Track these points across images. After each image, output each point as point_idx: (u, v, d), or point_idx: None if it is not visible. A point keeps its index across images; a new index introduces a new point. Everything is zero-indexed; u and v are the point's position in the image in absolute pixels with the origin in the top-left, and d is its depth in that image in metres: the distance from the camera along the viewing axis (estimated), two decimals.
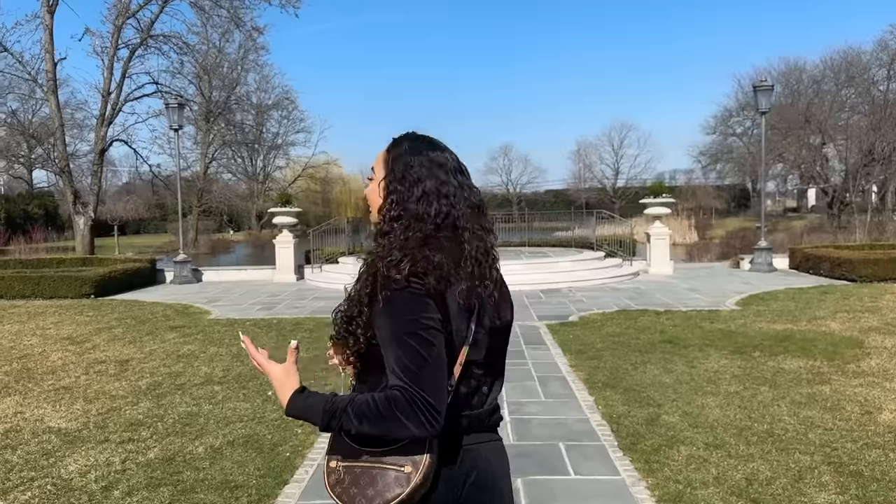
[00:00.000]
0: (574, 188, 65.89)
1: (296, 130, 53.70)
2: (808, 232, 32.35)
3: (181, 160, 44.88)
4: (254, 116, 50.13)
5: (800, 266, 15.53)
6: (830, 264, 13.99)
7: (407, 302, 1.43)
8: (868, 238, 22.54)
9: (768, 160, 53.63)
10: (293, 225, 16.44)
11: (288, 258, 16.15)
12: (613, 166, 66.14)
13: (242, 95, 46.72)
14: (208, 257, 37.80)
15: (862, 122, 39.48)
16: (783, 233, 33.67)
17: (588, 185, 65.17)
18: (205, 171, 44.41)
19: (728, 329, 8.79)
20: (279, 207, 16.31)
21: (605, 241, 16.59)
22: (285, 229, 16.36)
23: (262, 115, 50.72)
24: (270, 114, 51.98)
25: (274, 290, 14.52)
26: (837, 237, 22.76)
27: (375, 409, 1.40)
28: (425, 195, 1.56)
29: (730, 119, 58.31)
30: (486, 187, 69.02)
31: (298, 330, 9.48)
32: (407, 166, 1.59)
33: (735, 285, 13.40)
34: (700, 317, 9.81)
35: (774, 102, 55.15)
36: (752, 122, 56.80)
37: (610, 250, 16.34)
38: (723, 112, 57.62)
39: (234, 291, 14.54)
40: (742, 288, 12.99)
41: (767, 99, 15.39)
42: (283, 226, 16.37)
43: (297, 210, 16.41)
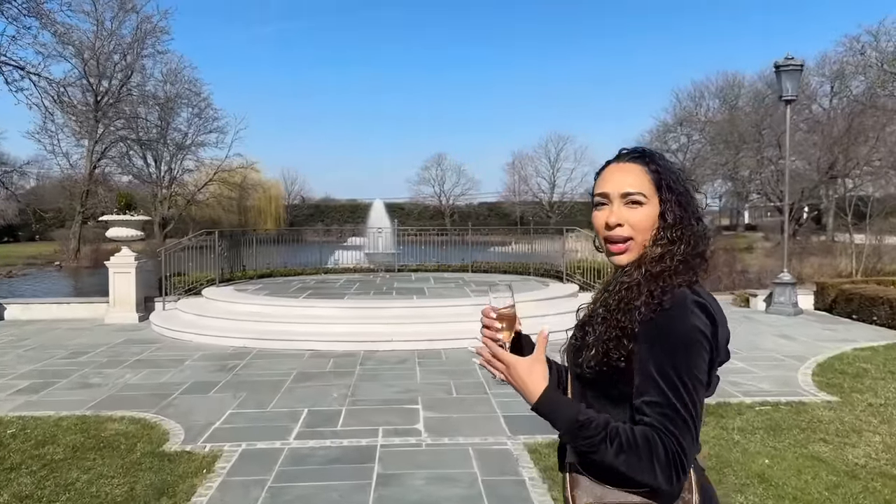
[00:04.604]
0: (509, 201, 62.65)
1: (207, 130, 47.72)
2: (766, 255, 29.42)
3: (62, 158, 39.26)
4: (158, 112, 44.17)
5: (834, 307, 11.62)
6: (892, 308, 10.07)
7: (690, 335, 1.36)
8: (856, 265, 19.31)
9: (704, 175, 51.80)
10: (137, 239, 11.39)
11: (127, 288, 11.11)
12: (550, 179, 63.05)
13: (141, 86, 40.84)
14: (87, 272, 31.64)
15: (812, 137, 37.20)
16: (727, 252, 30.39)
17: (522, 199, 61.83)
18: (91, 170, 38.05)
19: (860, 465, 4.50)
20: (115, 214, 11.22)
21: (578, 269, 12.25)
22: (125, 246, 11.31)
23: (169, 111, 44.70)
24: (178, 111, 45.93)
25: (91, 340, 9.49)
26: (826, 262, 19.30)
27: (634, 445, 1.32)
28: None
29: (666, 134, 56.05)
30: (418, 198, 65.07)
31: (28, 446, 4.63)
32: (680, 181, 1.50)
33: (770, 339, 9.30)
34: (789, 423, 5.53)
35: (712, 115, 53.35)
36: (689, 139, 54.91)
37: (584, 282, 11.98)
38: (659, 127, 55.30)
39: (28, 340, 9.45)
40: (784, 346, 8.91)
41: (795, 83, 11.49)
42: (121, 241, 11.30)
43: (141, 219, 11.35)
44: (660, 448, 1.29)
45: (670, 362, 1.33)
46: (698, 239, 1.46)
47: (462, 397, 6.38)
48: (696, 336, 1.35)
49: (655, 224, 1.46)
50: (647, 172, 1.47)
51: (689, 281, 1.42)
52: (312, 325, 9.24)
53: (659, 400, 1.31)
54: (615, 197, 1.47)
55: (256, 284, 12.66)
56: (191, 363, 8.00)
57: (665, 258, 1.42)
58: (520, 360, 1.47)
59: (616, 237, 1.47)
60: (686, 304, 1.37)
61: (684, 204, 1.46)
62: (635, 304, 1.39)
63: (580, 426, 1.36)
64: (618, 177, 1.49)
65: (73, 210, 37.75)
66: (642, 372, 1.35)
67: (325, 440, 5.16)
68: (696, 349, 1.34)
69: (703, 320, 1.36)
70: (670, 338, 1.35)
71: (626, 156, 1.52)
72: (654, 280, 1.40)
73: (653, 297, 1.38)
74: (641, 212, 1.46)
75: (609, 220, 1.47)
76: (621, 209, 1.46)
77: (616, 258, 1.49)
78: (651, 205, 1.46)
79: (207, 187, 48.98)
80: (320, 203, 67.03)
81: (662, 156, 1.52)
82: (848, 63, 40.45)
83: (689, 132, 55.21)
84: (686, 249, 1.43)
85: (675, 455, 1.29)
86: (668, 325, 1.35)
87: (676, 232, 1.44)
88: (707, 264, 1.47)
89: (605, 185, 1.50)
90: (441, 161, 65.98)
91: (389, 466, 4.62)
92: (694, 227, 1.46)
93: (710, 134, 50.27)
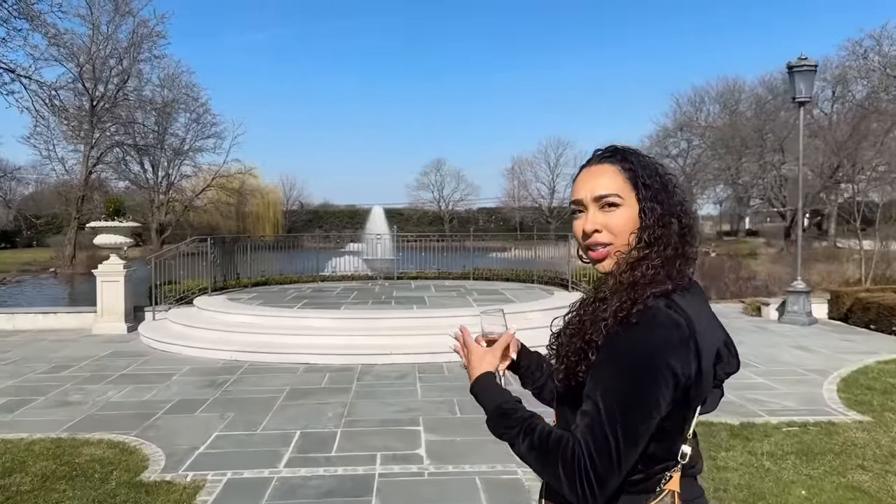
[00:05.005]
0: (508, 207, 62.23)
1: (205, 135, 47.41)
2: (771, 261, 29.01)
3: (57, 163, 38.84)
4: (155, 117, 43.85)
5: (849, 316, 11.20)
6: None
7: (648, 359, 1.27)
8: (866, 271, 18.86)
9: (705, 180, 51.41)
10: (127, 246, 10.95)
11: (116, 297, 10.67)
12: (549, 185, 62.60)
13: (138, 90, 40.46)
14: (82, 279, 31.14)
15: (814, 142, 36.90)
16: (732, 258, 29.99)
17: (522, 204, 61.45)
18: (86, 176, 37.58)
19: None
20: (103, 221, 10.77)
21: (584, 276, 11.81)
22: (113, 253, 10.87)
23: (167, 116, 44.39)
24: (176, 116, 45.63)
25: (75, 353, 9.05)
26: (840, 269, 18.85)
27: (545, 442, 1.31)
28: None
29: (666, 139, 55.78)
30: (417, 203, 64.69)
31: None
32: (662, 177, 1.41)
33: (787, 352, 8.87)
34: (822, 447, 5.11)
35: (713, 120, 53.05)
36: (689, 144, 54.60)
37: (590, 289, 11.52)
38: (659, 132, 54.99)
39: (9, 353, 9.01)
40: (804, 358, 8.48)
41: (808, 84, 11.09)
42: (109, 248, 10.87)
43: (130, 225, 10.90)
44: (567, 450, 1.25)
45: (617, 382, 1.25)
46: (680, 239, 1.36)
47: (467, 417, 5.94)
48: (654, 361, 1.24)
49: (637, 225, 1.36)
50: (621, 171, 1.38)
51: (666, 291, 1.30)
52: (307, 336, 8.81)
53: (590, 411, 1.26)
54: (589, 202, 1.39)
55: (250, 293, 12.22)
56: (178, 378, 7.57)
57: (641, 265, 1.33)
58: (477, 348, 1.54)
59: (595, 244, 1.38)
60: (655, 321, 1.26)
61: (662, 200, 1.36)
62: (603, 317, 1.30)
63: (502, 414, 1.37)
64: (590, 181, 1.40)
65: (69, 216, 37.28)
66: (591, 379, 1.29)
67: (319, 468, 4.72)
68: (650, 374, 1.24)
69: (671, 339, 1.24)
70: (626, 357, 1.26)
71: (597, 157, 1.43)
72: (626, 290, 1.31)
73: (621, 308, 1.28)
74: (618, 214, 1.36)
75: (585, 227, 1.38)
76: (597, 214, 1.38)
77: (598, 265, 1.40)
78: (628, 205, 1.36)
79: (205, 193, 48.63)
80: (319, 209, 66.58)
81: (637, 151, 1.43)
82: (850, 67, 40.21)
83: (689, 137, 54.93)
84: (665, 252, 1.33)
85: (581, 463, 1.23)
86: (628, 343, 1.26)
87: (655, 232, 1.34)
88: (691, 267, 1.37)
89: (579, 190, 1.41)
90: (440, 166, 65.62)
91: (389, 499, 4.19)
92: (674, 225, 1.36)
93: (711, 139, 50.00)
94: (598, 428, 1.24)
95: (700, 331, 1.27)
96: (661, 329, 1.25)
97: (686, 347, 1.25)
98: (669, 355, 1.23)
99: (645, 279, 1.30)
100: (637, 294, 1.29)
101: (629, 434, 1.23)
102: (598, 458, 1.23)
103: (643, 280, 1.30)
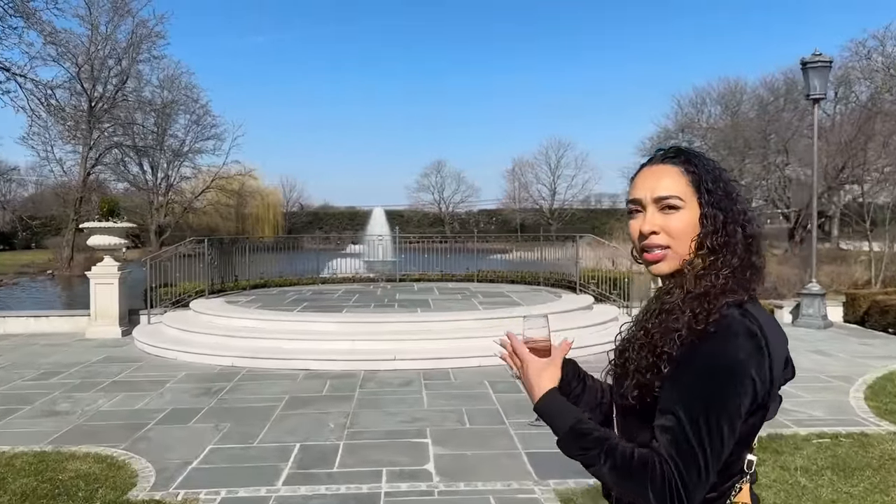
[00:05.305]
0: (509, 208, 61.89)
1: (205, 137, 47.20)
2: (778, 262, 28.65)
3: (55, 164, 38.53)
4: (155, 118, 43.62)
5: (867, 320, 10.87)
6: None
7: (730, 366, 1.22)
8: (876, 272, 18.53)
9: None
10: (125, 247, 10.62)
11: (110, 300, 10.33)
12: (550, 186, 62.23)
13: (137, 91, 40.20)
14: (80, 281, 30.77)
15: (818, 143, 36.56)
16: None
17: (522, 206, 61.17)
18: (85, 177, 37.26)
19: None
20: (96, 222, 10.43)
21: (592, 278, 11.45)
22: (107, 255, 10.54)
23: (166, 117, 44.17)
24: (176, 117, 45.41)
25: (66, 358, 8.71)
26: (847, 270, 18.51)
27: (629, 465, 1.24)
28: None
29: (667, 141, 55.49)
30: (418, 205, 64.40)
31: None
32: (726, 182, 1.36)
33: (806, 357, 8.53)
34: (858, 462, 4.78)
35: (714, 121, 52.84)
36: (690, 145, 54.13)
37: (599, 293, 11.17)
38: (660, 133, 54.69)
39: None
40: (825, 364, 8.17)
41: (823, 80, 10.78)
42: (103, 249, 10.54)
43: (124, 226, 10.55)
44: (656, 473, 1.19)
45: (699, 391, 1.21)
46: (746, 247, 1.32)
47: (477, 428, 5.61)
48: (736, 368, 1.20)
49: (696, 230, 1.31)
50: (684, 173, 1.33)
51: (740, 300, 1.26)
52: (308, 341, 8.48)
53: (672, 426, 1.21)
54: (648, 202, 1.34)
55: (249, 296, 11.88)
56: (172, 385, 7.23)
57: (709, 274, 1.29)
58: (535, 359, 1.44)
59: (651, 246, 1.33)
60: (731, 330, 1.22)
61: (726, 207, 1.31)
62: (675, 328, 1.26)
63: (577, 435, 1.32)
64: (651, 180, 1.35)
65: (68, 217, 36.95)
66: (667, 392, 1.24)
67: (320, 486, 4.38)
68: (733, 381, 1.20)
69: (749, 348, 1.21)
70: (706, 368, 1.22)
71: (660, 157, 1.38)
72: (698, 300, 1.27)
73: (696, 319, 1.24)
74: (678, 217, 1.32)
75: (643, 228, 1.34)
76: (655, 215, 1.33)
77: (653, 267, 1.35)
78: (689, 209, 1.32)
79: (205, 195, 48.42)
80: (319, 210, 66.26)
81: (701, 154, 1.39)
82: (853, 68, 39.93)
83: (690, 138, 54.55)
84: (731, 260, 1.29)
85: (672, 484, 1.18)
86: (707, 354, 1.22)
87: (718, 239, 1.30)
88: (761, 277, 1.33)
89: (638, 190, 1.36)
90: (440, 168, 65.25)
91: None
92: (739, 234, 1.31)
93: (713, 140, 49.72)
94: (684, 445, 1.19)
95: (771, 339, 1.24)
96: (739, 338, 1.21)
97: (762, 355, 1.22)
98: (749, 364, 1.20)
99: (716, 288, 1.26)
100: (711, 303, 1.25)
101: (715, 447, 1.19)
102: (688, 475, 1.18)
103: (714, 289, 1.26)
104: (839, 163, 32.53)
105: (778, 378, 1.27)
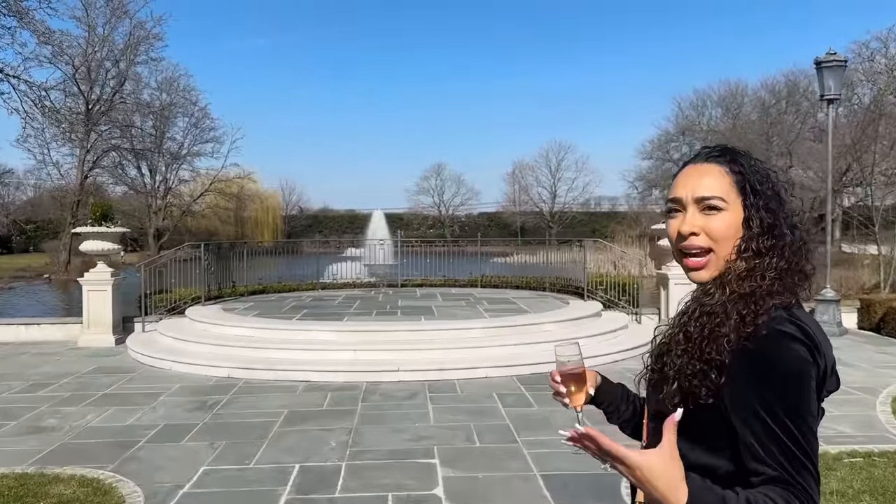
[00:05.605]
0: (509, 211, 61.62)
1: (204, 140, 46.89)
2: None
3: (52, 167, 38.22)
4: (153, 121, 43.32)
5: (882, 327, 10.57)
6: None
7: (796, 367, 1.12)
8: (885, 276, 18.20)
9: None
10: (114, 253, 10.30)
11: (103, 307, 10.02)
12: (550, 189, 61.97)
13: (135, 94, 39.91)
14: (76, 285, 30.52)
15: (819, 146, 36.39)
16: None
17: (523, 209, 60.91)
18: (82, 180, 36.93)
19: None
20: (89, 227, 10.12)
21: (600, 284, 11.12)
22: (101, 261, 10.22)
23: (165, 120, 43.87)
24: (174, 120, 45.10)
25: (56, 369, 8.39)
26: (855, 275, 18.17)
27: None
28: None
29: (668, 144, 55.34)
30: (417, 208, 64.09)
31: None
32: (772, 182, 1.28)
33: None
34: None
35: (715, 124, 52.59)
36: (690, 148, 54.06)
37: (608, 299, 10.85)
38: (661, 136, 54.44)
39: None
40: (845, 374, 7.71)
41: (838, 80, 10.47)
42: (96, 255, 10.22)
43: (118, 230, 10.23)
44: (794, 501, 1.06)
45: (780, 402, 1.09)
46: (794, 251, 1.22)
47: (487, 447, 5.29)
48: (803, 367, 1.11)
49: (739, 233, 1.22)
50: (729, 173, 1.24)
51: (787, 303, 1.17)
52: (307, 351, 8.16)
53: (776, 449, 1.08)
54: (689, 202, 1.25)
55: (247, 303, 11.56)
56: (166, 398, 6.91)
57: (755, 274, 1.19)
58: (644, 460, 1.03)
59: (690, 248, 1.24)
60: (785, 330, 1.13)
61: (774, 209, 1.22)
62: (722, 332, 1.16)
63: None
64: (692, 179, 1.27)
65: (65, 221, 36.63)
66: (745, 413, 1.12)
67: None
68: (805, 382, 1.11)
69: (805, 348, 1.12)
70: (774, 371, 1.11)
71: (704, 155, 1.30)
72: (743, 301, 1.17)
73: (744, 322, 1.15)
74: (720, 218, 1.23)
75: (682, 229, 1.24)
76: (696, 216, 1.24)
77: (693, 274, 1.26)
78: (732, 211, 1.23)
79: (203, 198, 48.05)
80: (318, 213, 65.94)
81: (748, 154, 1.30)
82: (856, 70, 39.71)
83: (691, 141, 54.39)
84: (779, 263, 1.20)
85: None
86: (769, 357, 1.12)
87: (765, 242, 1.21)
88: (809, 282, 1.24)
89: (678, 188, 1.28)
90: (440, 171, 64.89)
91: None
92: (787, 237, 1.22)
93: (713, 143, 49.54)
94: (797, 462, 1.08)
95: (822, 346, 1.16)
96: (795, 341, 1.13)
97: (815, 359, 1.14)
98: (810, 366, 1.13)
99: (762, 289, 1.18)
100: (758, 304, 1.16)
101: (815, 446, 1.12)
102: (813, 492, 1.09)
103: (761, 290, 1.18)
104: (843, 165, 32.30)
105: (824, 387, 1.18)
